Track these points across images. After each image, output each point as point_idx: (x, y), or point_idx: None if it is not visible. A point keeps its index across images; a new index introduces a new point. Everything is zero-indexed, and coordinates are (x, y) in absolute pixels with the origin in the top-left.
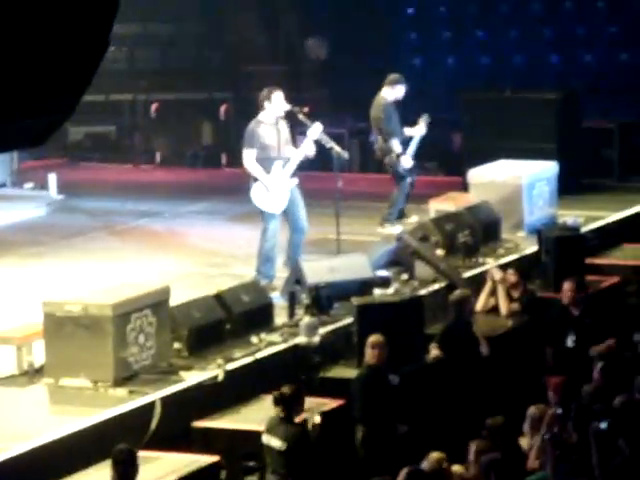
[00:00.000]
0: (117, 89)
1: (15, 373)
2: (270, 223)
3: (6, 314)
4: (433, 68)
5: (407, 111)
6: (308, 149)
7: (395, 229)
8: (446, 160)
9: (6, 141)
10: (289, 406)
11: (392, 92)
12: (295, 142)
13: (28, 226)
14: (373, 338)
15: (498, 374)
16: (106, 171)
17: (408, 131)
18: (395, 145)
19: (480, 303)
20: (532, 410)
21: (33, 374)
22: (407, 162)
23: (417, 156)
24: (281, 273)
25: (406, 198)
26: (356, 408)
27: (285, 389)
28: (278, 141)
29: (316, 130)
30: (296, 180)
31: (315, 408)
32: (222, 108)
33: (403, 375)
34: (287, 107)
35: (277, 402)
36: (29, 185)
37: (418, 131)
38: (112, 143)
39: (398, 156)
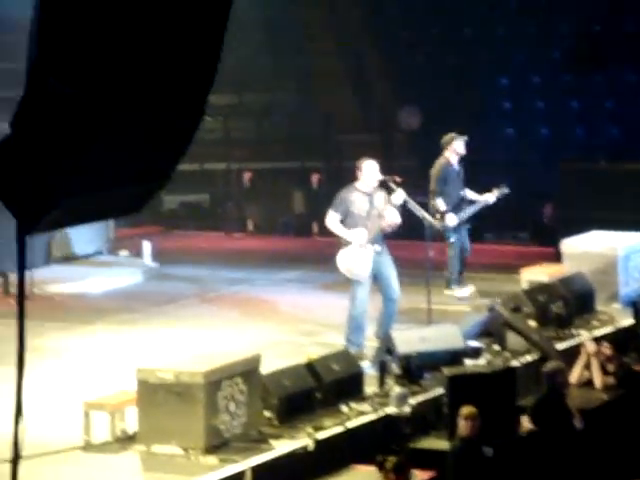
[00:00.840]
0: (211, 158)
1: (108, 440)
2: (358, 290)
3: (100, 380)
4: (526, 138)
5: (495, 180)
6: (393, 217)
7: (462, 292)
8: (538, 230)
9: (104, 209)
10: (398, 475)
11: (452, 155)
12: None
13: (123, 293)
14: (466, 410)
15: (592, 448)
16: (199, 239)
17: (473, 195)
18: (439, 203)
19: (574, 376)
20: None
21: (126, 441)
22: (451, 220)
23: (500, 224)
24: (372, 342)
25: (461, 262)
26: None
27: (394, 458)
28: (369, 210)
29: (399, 197)
30: (380, 247)
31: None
32: (314, 177)
33: (495, 447)
34: (379, 177)
35: (386, 470)
36: (124, 253)
37: (486, 198)
38: (205, 211)
39: (442, 214)
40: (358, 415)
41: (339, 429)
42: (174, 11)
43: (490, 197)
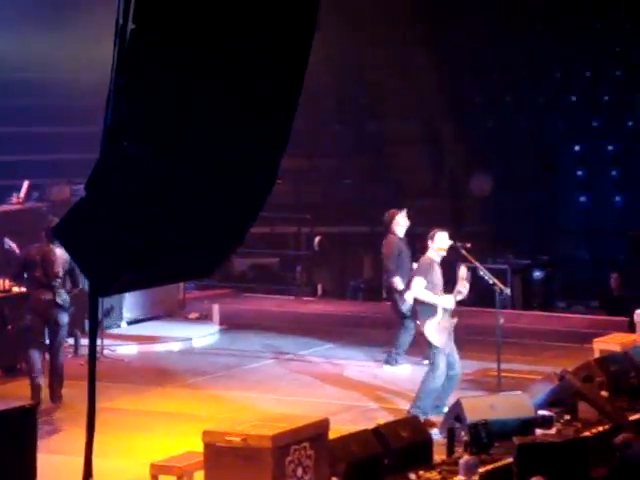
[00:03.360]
0: (282, 222)
1: None
2: (440, 359)
3: (169, 443)
4: (600, 206)
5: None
6: (462, 288)
7: (398, 369)
8: (607, 299)
9: (176, 272)
10: None
11: (400, 229)
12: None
13: (192, 355)
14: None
15: None
16: (269, 302)
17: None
18: (397, 282)
19: None
20: None
21: None
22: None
23: (572, 293)
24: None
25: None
26: None
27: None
28: (441, 279)
29: (462, 272)
30: (456, 319)
31: None
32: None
33: None
34: (450, 242)
35: None
36: (194, 315)
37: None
38: (275, 275)
39: (400, 293)
40: None
41: None
42: (248, 77)
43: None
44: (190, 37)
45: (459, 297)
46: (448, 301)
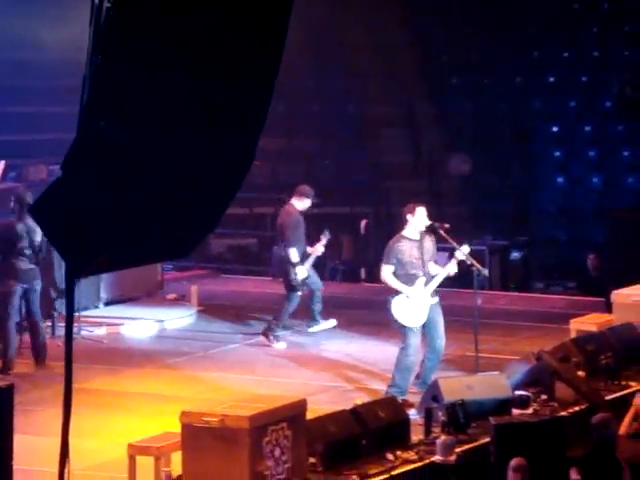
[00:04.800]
0: (260, 202)
1: None
2: (411, 338)
3: (146, 423)
4: (577, 187)
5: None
6: (452, 269)
7: (280, 344)
8: (585, 281)
9: (152, 253)
10: None
11: (300, 203)
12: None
13: (170, 336)
14: (516, 461)
15: None
16: (247, 283)
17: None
18: (293, 254)
19: (623, 427)
20: None
21: None
22: (302, 273)
23: (549, 274)
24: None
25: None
26: None
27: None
28: (421, 257)
29: (464, 252)
30: (437, 298)
31: None
32: (362, 223)
33: None
34: (427, 223)
35: None
36: (172, 296)
37: (317, 249)
38: (253, 255)
39: (294, 265)
40: (403, 463)
41: (384, 477)
42: (226, 57)
43: (318, 247)
44: (167, 15)
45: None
46: (416, 290)
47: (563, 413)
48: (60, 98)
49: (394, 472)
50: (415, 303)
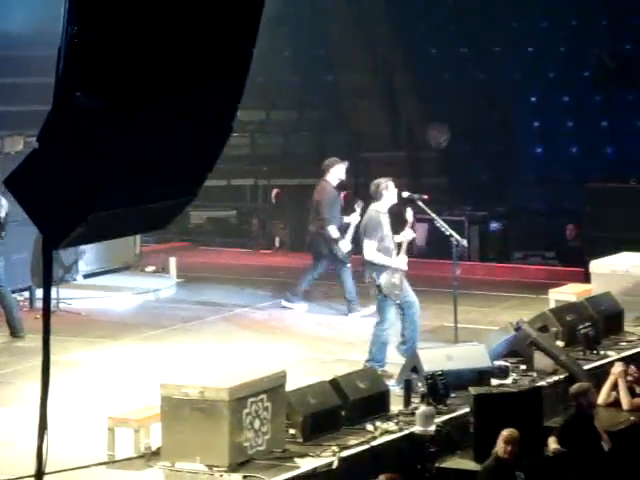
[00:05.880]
0: (239, 174)
1: (132, 455)
2: (388, 313)
3: (125, 396)
4: (555, 157)
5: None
6: (409, 235)
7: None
8: (563, 250)
9: (130, 225)
10: None
11: (334, 177)
12: (414, 228)
13: (148, 309)
14: (509, 433)
15: (620, 469)
16: (226, 255)
17: (346, 219)
18: (332, 231)
19: (601, 396)
20: None
21: (150, 457)
22: (345, 246)
23: (528, 244)
24: (395, 359)
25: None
26: None
27: (389, 475)
28: (390, 230)
29: (409, 214)
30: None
31: None
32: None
33: (526, 471)
34: (406, 194)
35: None
36: (150, 268)
37: (352, 218)
38: (232, 227)
39: (336, 241)
40: (383, 434)
41: (364, 447)
42: (203, 26)
43: (355, 217)
44: None
45: (405, 239)
46: (401, 262)
47: (542, 383)
48: (35, 68)
49: (374, 443)
50: (398, 276)
